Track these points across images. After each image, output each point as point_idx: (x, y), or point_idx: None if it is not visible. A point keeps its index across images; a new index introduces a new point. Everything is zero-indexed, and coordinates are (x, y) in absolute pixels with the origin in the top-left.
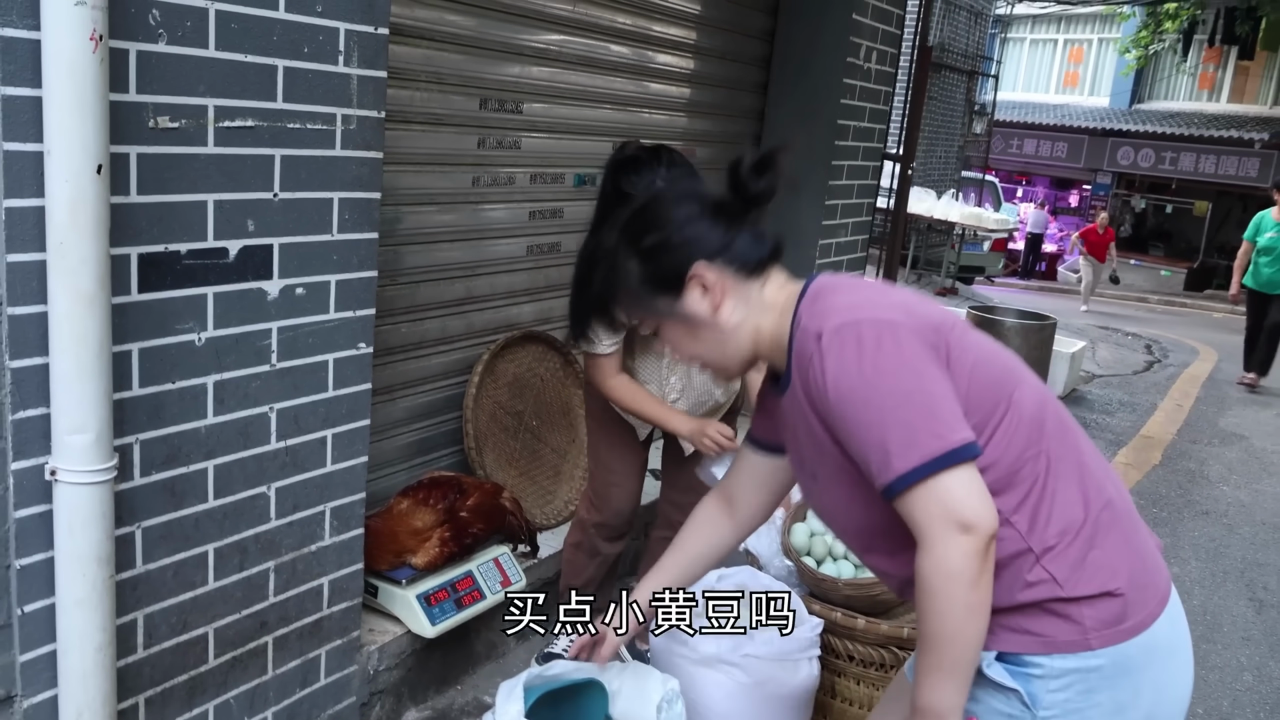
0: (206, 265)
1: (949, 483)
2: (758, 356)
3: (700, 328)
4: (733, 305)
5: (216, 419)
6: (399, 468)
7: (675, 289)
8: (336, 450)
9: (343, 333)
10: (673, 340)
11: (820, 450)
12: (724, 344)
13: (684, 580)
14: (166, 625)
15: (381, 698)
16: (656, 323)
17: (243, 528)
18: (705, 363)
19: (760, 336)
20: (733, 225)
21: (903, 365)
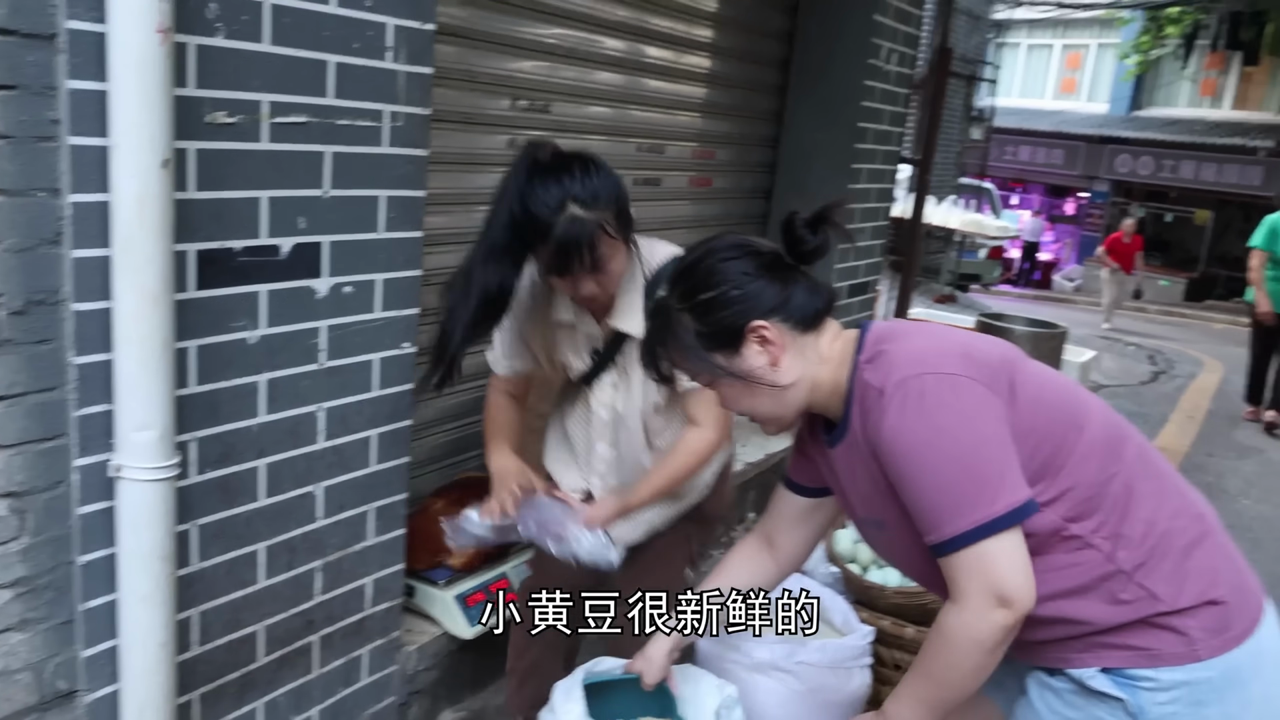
0: (260, 263)
1: (994, 552)
2: (812, 407)
3: (757, 383)
4: (790, 360)
5: (268, 417)
6: (430, 468)
7: (732, 345)
8: (381, 450)
9: (388, 332)
10: (727, 396)
11: (886, 500)
12: (780, 398)
13: None
14: (220, 623)
15: (419, 698)
16: (711, 379)
17: (292, 527)
18: (760, 416)
19: (817, 388)
20: (788, 280)
21: (960, 425)
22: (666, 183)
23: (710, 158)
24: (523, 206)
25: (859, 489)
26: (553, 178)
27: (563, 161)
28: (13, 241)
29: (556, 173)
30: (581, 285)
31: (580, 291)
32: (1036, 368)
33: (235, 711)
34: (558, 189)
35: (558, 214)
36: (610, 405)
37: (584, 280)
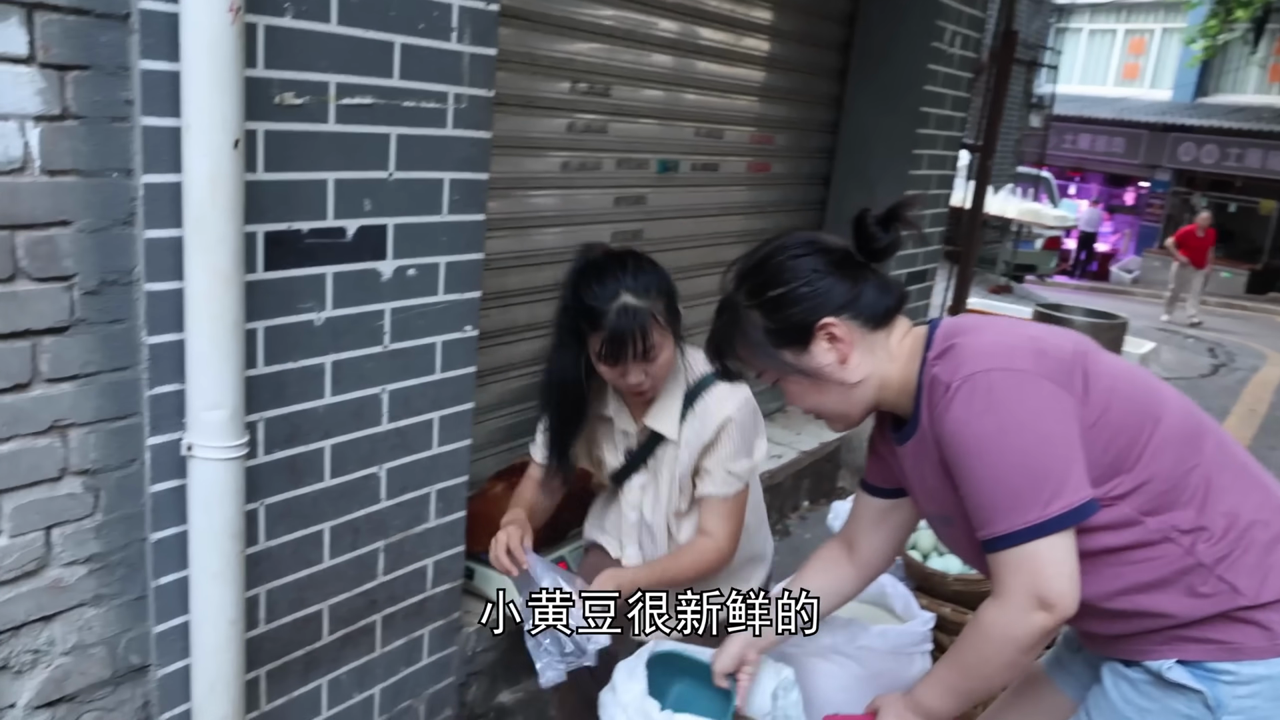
0: (326, 245)
1: (1043, 553)
2: (880, 405)
3: (825, 381)
4: (860, 357)
5: (334, 399)
6: (488, 452)
7: (801, 342)
8: (443, 433)
9: (451, 315)
10: (794, 392)
11: (953, 496)
12: (848, 396)
13: None
14: (286, 601)
15: (478, 678)
16: (777, 376)
17: (355, 508)
18: (826, 414)
19: (885, 386)
20: (858, 278)
21: (1025, 422)
22: (724, 168)
23: (769, 143)
24: (577, 298)
25: (927, 485)
26: (607, 272)
27: (616, 258)
28: (87, 222)
29: (611, 267)
30: (630, 373)
31: (628, 380)
32: (1111, 359)
33: (300, 689)
34: (613, 282)
35: (611, 302)
36: (638, 507)
37: (633, 369)
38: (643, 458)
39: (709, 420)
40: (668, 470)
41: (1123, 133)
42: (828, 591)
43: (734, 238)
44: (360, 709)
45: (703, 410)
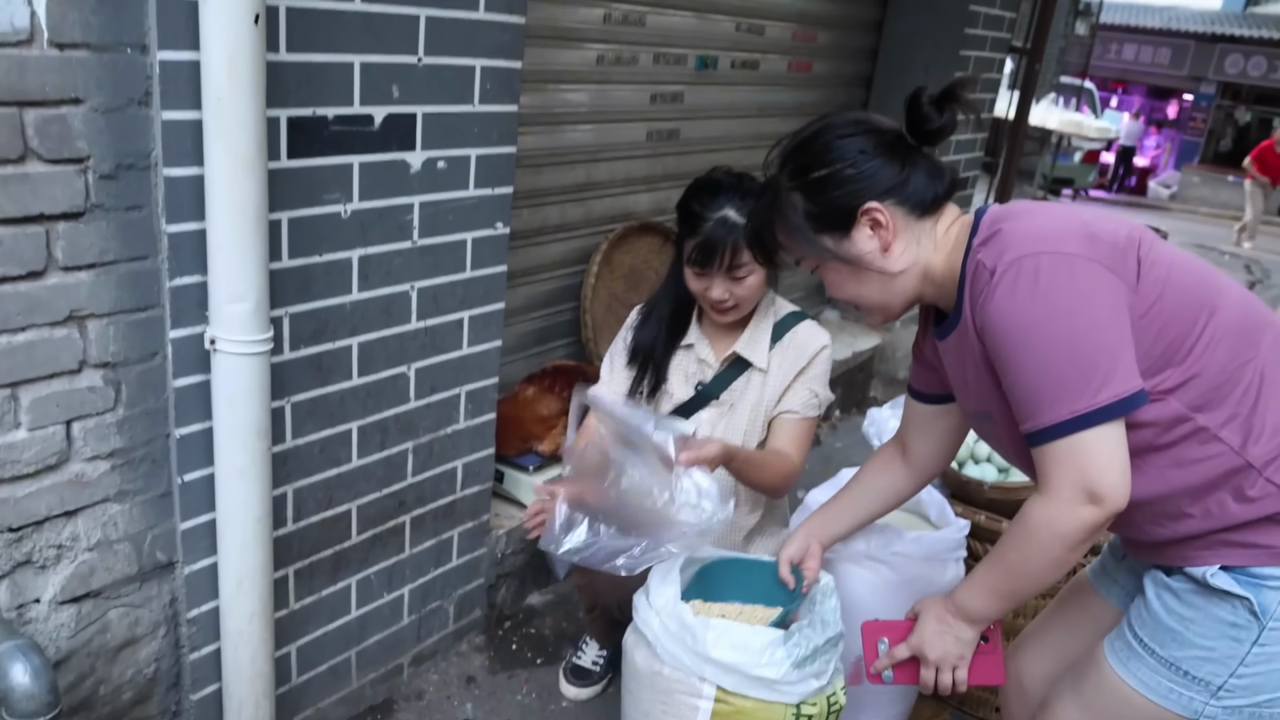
0: (353, 133)
1: (1091, 444)
2: (922, 297)
3: (866, 269)
4: (903, 245)
5: (361, 295)
6: (517, 356)
7: (843, 227)
8: (472, 333)
9: (481, 211)
10: (833, 281)
11: (993, 390)
12: (889, 286)
13: (855, 521)
14: (314, 500)
15: (507, 580)
16: (818, 262)
17: (384, 407)
18: (865, 304)
19: (929, 276)
20: (908, 161)
21: (1074, 307)
22: (764, 66)
23: (811, 41)
24: (685, 205)
25: (967, 380)
26: (721, 187)
27: (734, 178)
28: (100, 100)
29: (725, 184)
30: (715, 286)
31: (712, 294)
32: (1166, 247)
33: (329, 588)
34: (722, 196)
35: (714, 212)
36: None
37: (719, 282)
38: (716, 390)
39: (803, 349)
40: (749, 402)
41: (1169, 43)
42: (883, 491)
43: (771, 140)
44: (389, 609)
45: (793, 341)
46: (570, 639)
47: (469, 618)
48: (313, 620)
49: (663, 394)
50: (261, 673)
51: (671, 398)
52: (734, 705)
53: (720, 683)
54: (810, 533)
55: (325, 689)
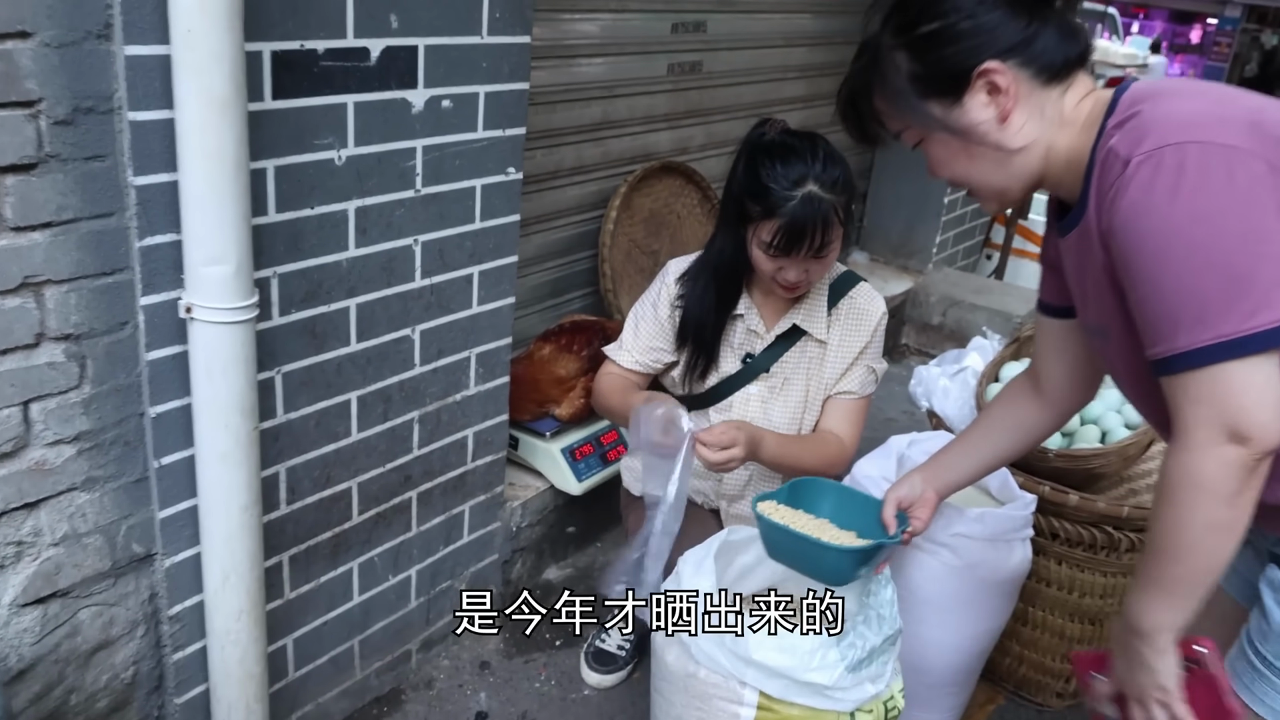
0: (346, 68)
1: (1238, 377)
2: (1043, 182)
3: (979, 143)
4: (1024, 117)
5: (358, 251)
6: (531, 309)
7: (954, 92)
8: (483, 290)
9: (491, 155)
10: (939, 157)
11: (1113, 302)
12: (1006, 165)
13: (980, 464)
14: (309, 479)
15: (523, 554)
16: (922, 133)
17: (386, 374)
18: (976, 187)
19: (1052, 157)
20: (1035, 15)
21: (1228, 210)
22: None
23: None
24: (753, 177)
25: (1086, 287)
26: (795, 154)
27: (806, 140)
28: (52, 34)
29: (799, 150)
30: (792, 269)
31: (786, 276)
32: None
33: (328, 573)
34: (800, 166)
35: (796, 188)
36: (753, 417)
37: (798, 264)
38: (766, 363)
39: (863, 318)
40: (804, 376)
41: None
42: (1013, 429)
43: (798, 72)
44: (395, 592)
45: (851, 309)
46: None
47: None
48: (311, 609)
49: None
50: (252, 674)
51: (718, 371)
52: (779, 714)
53: (764, 688)
54: (927, 477)
55: (326, 682)
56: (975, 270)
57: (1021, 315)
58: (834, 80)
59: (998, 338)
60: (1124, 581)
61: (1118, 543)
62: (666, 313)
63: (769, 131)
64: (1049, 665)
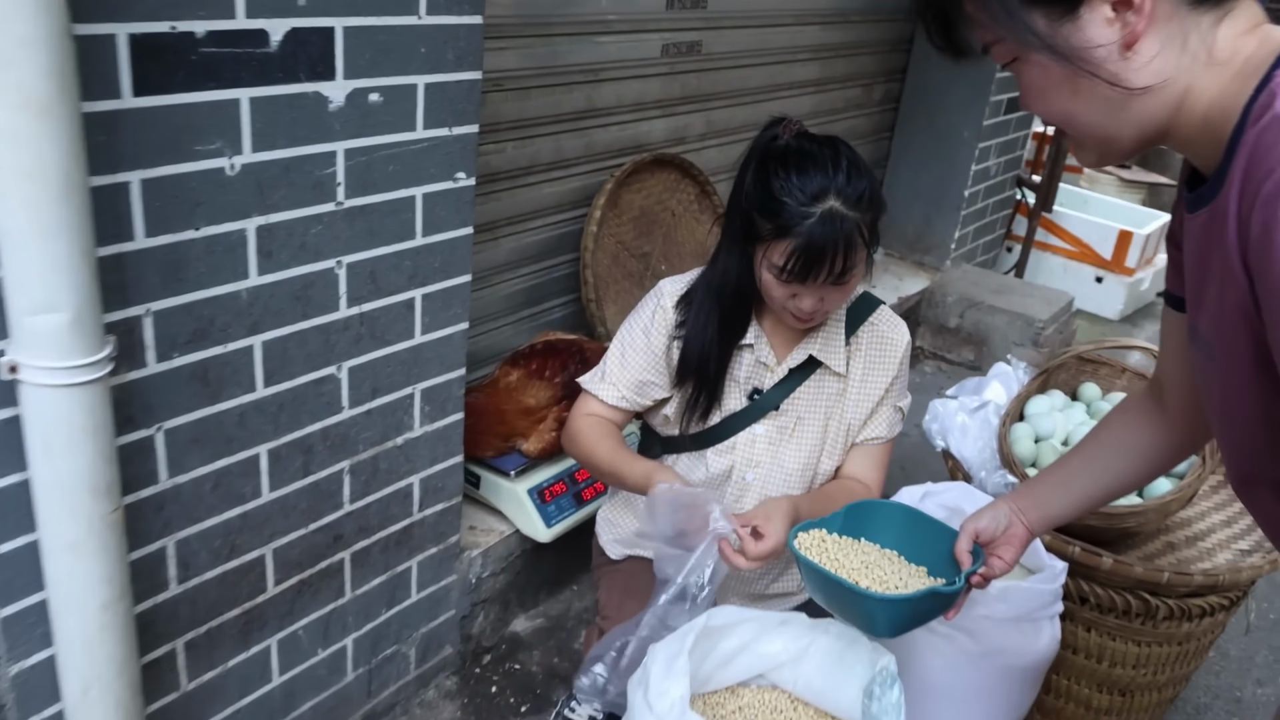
0: (237, 56)
1: None
2: (1167, 137)
3: (1091, 74)
4: (1158, 45)
5: (263, 278)
6: (502, 322)
7: (1068, 1)
8: (428, 316)
9: (434, 158)
10: (1034, 85)
11: (1230, 314)
12: (1121, 107)
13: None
14: (208, 551)
15: (485, 607)
16: (1017, 51)
17: (305, 421)
18: (1079, 130)
19: (1187, 107)
20: None
21: None
22: None
23: None
24: (763, 188)
25: (1204, 285)
26: (814, 163)
27: (826, 146)
28: None
29: (819, 159)
30: (808, 297)
31: (800, 304)
32: None
33: (238, 656)
34: (820, 177)
35: (815, 204)
36: (759, 464)
37: (814, 291)
38: (776, 399)
39: (888, 350)
40: (821, 414)
41: None
42: (1130, 451)
43: (808, 53)
44: (327, 666)
45: (872, 336)
46: (563, 678)
47: (437, 658)
48: (217, 699)
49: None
50: None
51: (720, 409)
52: None
53: None
54: (1018, 508)
55: None
56: (995, 265)
57: (1044, 320)
58: (849, 62)
59: (1023, 366)
60: (1160, 651)
61: (1154, 610)
62: (663, 343)
63: (782, 135)
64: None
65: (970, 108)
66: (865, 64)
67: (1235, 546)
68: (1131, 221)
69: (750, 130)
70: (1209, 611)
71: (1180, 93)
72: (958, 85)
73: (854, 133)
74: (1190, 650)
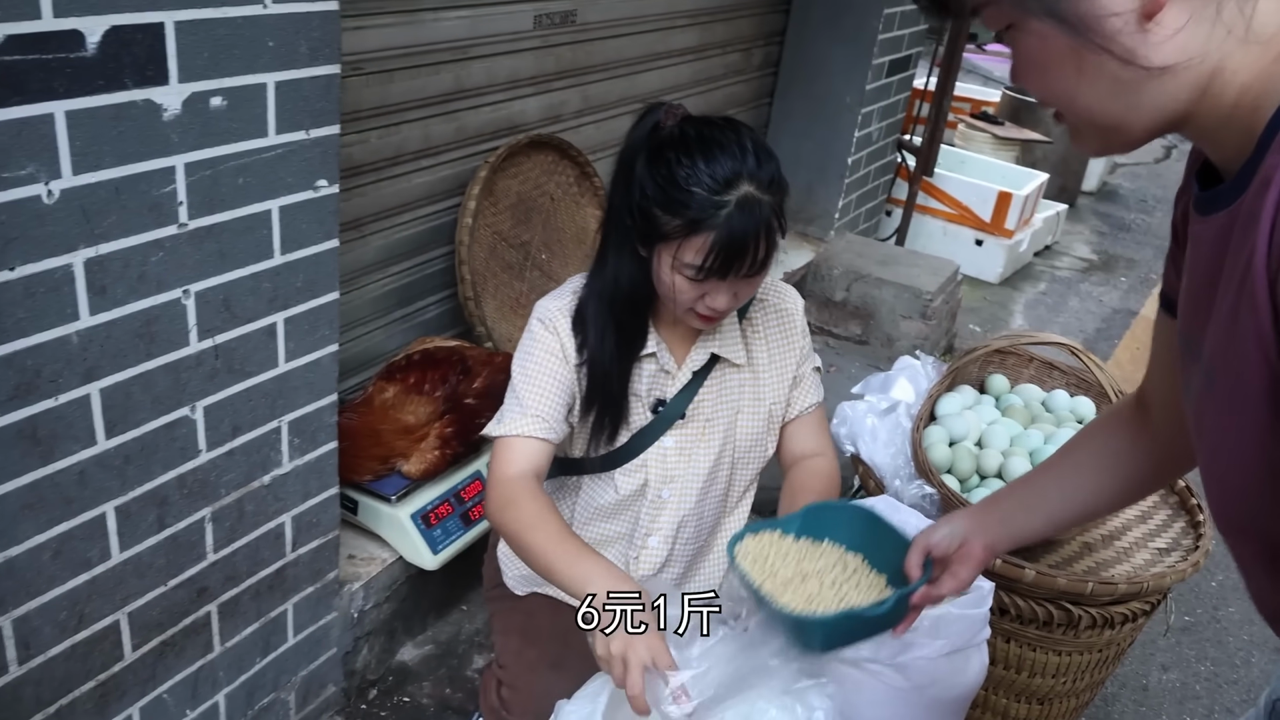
0: (47, 64)
1: None
2: (1185, 125)
3: (1101, 49)
4: (1184, 16)
5: (97, 318)
6: (373, 326)
7: None
8: (292, 341)
9: (291, 166)
10: (1033, 58)
11: (1241, 341)
12: (1134, 90)
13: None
14: (52, 625)
15: (370, 639)
16: (1015, 17)
17: (157, 471)
18: (1081, 116)
19: (1218, 90)
20: None
21: None
22: None
23: None
24: (666, 179)
25: (1209, 299)
26: (720, 148)
27: (726, 129)
28: None
29: (723, 143)
30: (723, 294)
31: (716, 305)
32: None
33: None
34: (730, 162)
35: (728, 191)
36: (674, 479)
37: (731, 286)
38: (681, 406)
39: (786, 321)
40: (729, 411)
41: None
42: (1108, 468)
43: (686, 18)
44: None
45: (764, 313)
46: (456, 709)
47: (319, 699)
48: None
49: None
50: None
51: (628, 427)
52: None
53: None
54: (975, 525)
55: None
56: (876, 231)
57: (931, 291)
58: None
59: (931, 360)
60: (1080, 659)
61: (1077, 620)
62: (571, 374)
63: (666, 121)
64: None
65: (853, 71)
66: (744, 27)
67: (1152, 545)
68: (1009, 182)
69: (628, 104)
70: (1131, 618)
71: (1208, 74)
72: (838, 47)
73: (734, 100)
74: (1110, 656)
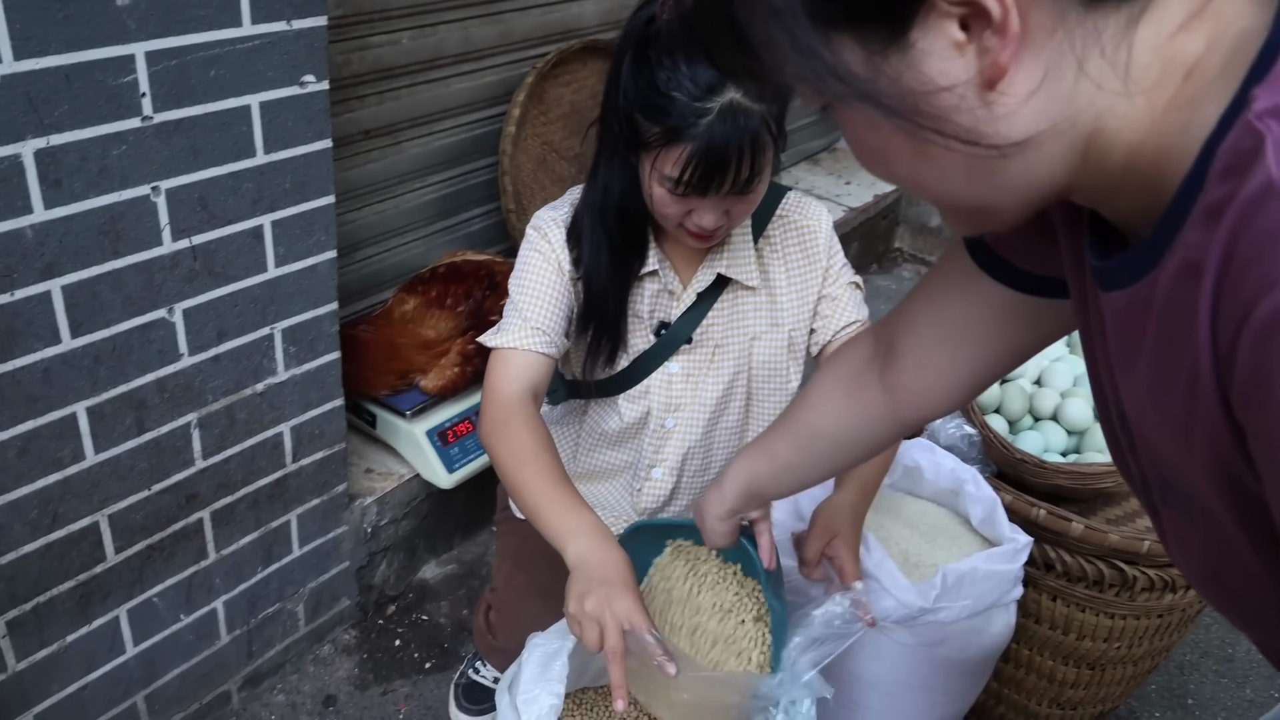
0: None
1: None
2: (1071, 193)
3: (934, 129)
4: (1038, 74)
5: (52, 212)
6: (409, 237)
7: (888, 19)
8: (282, 245)
9: (271, 58)
10: (864, 144)
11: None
12: (992, 169)
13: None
14: (23, 523)
15: (389, 554)
16: (829, 99)
17: (133, 373)
18: (936, 201)
19: (1101, 151)
20: None
21: None
22: None
23: None
24: (646, 82)
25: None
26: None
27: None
28: None
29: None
30: (710, 212)
31: (703, 224)
32: None
33: (79, 630)
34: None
35: (709, 98)
36: (679, 408)
37: (718, 204)
38: (686, 329)
39: (807, 237)
40: (743, 337)
41: None
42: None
43: None
44: (195, 631)
45: (784, 231)
46: (471, 631)
47: (331, 611)
48: (57, 676)
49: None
50: None
51: (627, 351)
52: None
53: None
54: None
55: None
56: None
57: None
58: None
59: None
60: (1137, 624)
61: (1131, 581)
62: (569, 290)
63: (662, 12)
64: (1033, 709)
65: None
66: None
67: None
68: None
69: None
70: None
71: (1084, 137)
72: None
73: None
74: (1173, 622)
